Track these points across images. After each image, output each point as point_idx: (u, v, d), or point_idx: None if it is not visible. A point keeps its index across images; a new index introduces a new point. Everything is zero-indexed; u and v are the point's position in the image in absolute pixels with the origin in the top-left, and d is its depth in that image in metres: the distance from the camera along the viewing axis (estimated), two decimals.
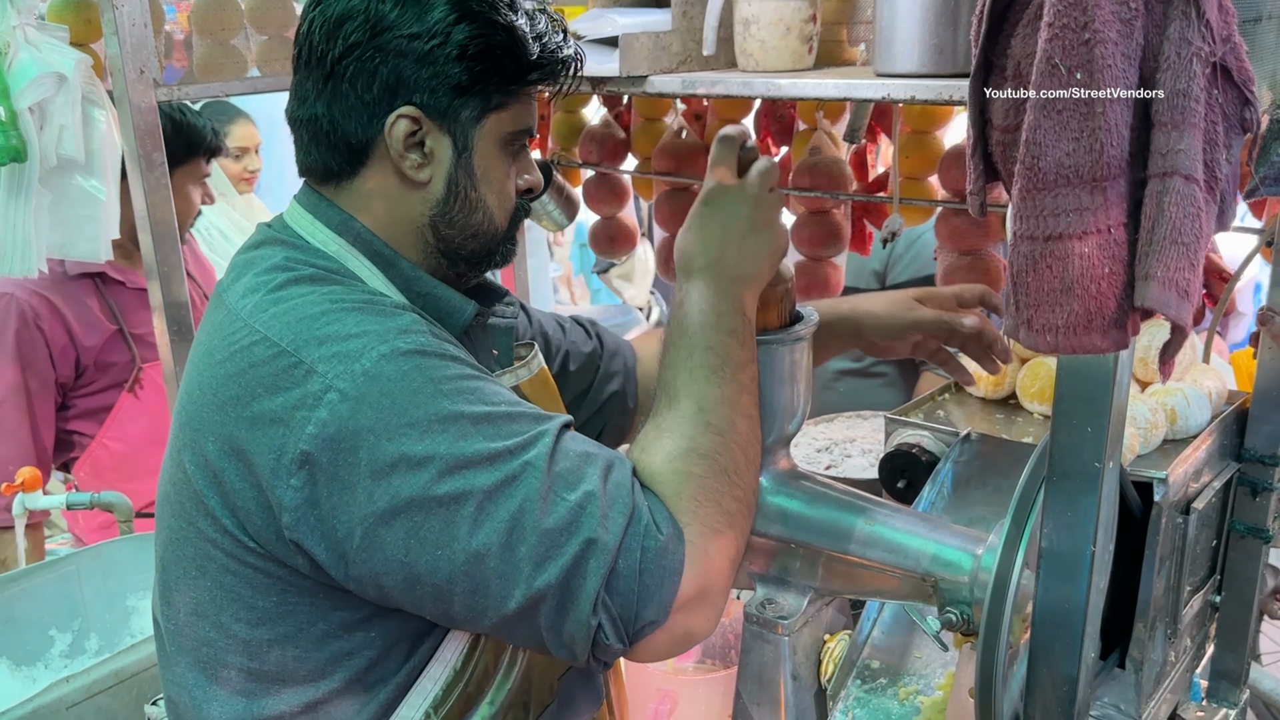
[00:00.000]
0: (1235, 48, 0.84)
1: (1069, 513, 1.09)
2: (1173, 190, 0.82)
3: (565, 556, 1.07)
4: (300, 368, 1.10)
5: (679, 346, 1.24)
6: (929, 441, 1.73)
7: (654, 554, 1.09)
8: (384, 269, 1.25)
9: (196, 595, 1.20)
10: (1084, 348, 0.88)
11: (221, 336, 1.19)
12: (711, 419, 1.19)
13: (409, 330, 1.14)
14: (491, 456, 1.08)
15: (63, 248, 2.15)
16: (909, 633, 1.56)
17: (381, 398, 1.08)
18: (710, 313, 1.24)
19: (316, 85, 1.22)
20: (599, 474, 1.11)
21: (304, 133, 1.26)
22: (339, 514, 1.09)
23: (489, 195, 1.28)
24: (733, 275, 1.27)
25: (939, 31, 1.41)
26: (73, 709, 1.75)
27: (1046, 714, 1.18)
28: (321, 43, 1.21)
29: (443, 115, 1.22)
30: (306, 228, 1.27)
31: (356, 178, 1.26)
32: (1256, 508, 1.78)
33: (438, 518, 1.07)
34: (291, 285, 1.19)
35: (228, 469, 1.13)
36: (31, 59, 1.98)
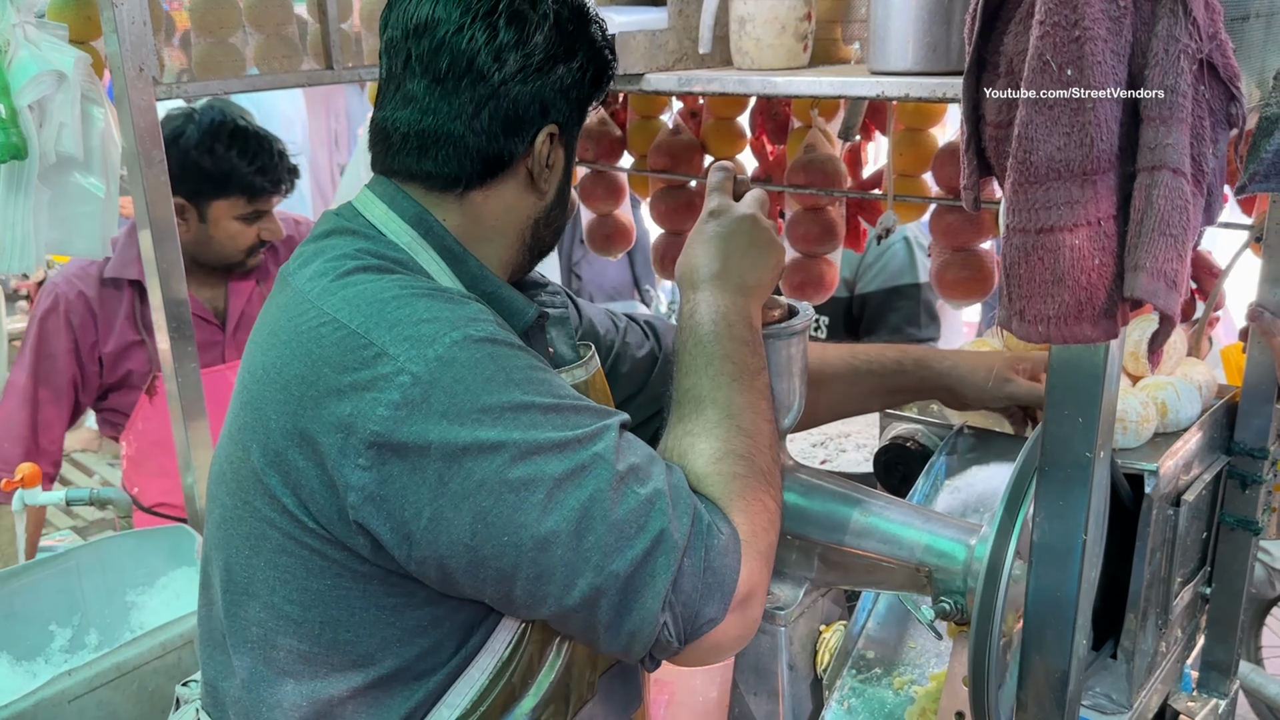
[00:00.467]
0: (1221, 45, 0.86)
1: (1061, 502, 1.11)
2: (1161, 183, 0.84)
3: (635, 550, 1.09)
4: (370, 349, 1.12)
5: (695, 355, 1.28)
6: (923, 435, 1.76)
7: (717, 553, 1.13)
8: (452, 265, 1.28)
9: (249, 575, 1.22)
10: (1075, 337, 0.90)
11: (288, 318, 1.21)
12: (741, 423, 1.23)
13: (478, 319, 1.16)
14: (562, 444, 1.11)
15: (61, 245, 2.16)
16: (903, 624, 1.59)
17: (455, 383, 1.10)
18: (722, 322, 1.29)
19: (476, 103, 1.24)
20: (664, 472, 1.15)
21: (446, 145, 1.27)
22: (407, 495, 1.10)
23: (569, 195, 1.39)
24: (738, 286, 1.32)
25: (932, 30, 1.43)
26: (74, 702, 1.76)
27: (1039, 702, 1.20)
28: (487, 63, 1.23)
29: (568, 131, 1.33)
30: (380, 217, 1.29)
31: (487, 186, 1.29)
32: (1246, 500, 1.81)
33: (507, 503, 1.09)
34: (359, 272, 1.22)
35: (291, 448, 1.14)
36: (31, 57, 1.98)
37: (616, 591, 1.09)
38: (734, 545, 1.14)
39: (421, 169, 1.29)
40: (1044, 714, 1.20)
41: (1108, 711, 1.65)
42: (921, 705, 1.49)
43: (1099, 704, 1.66)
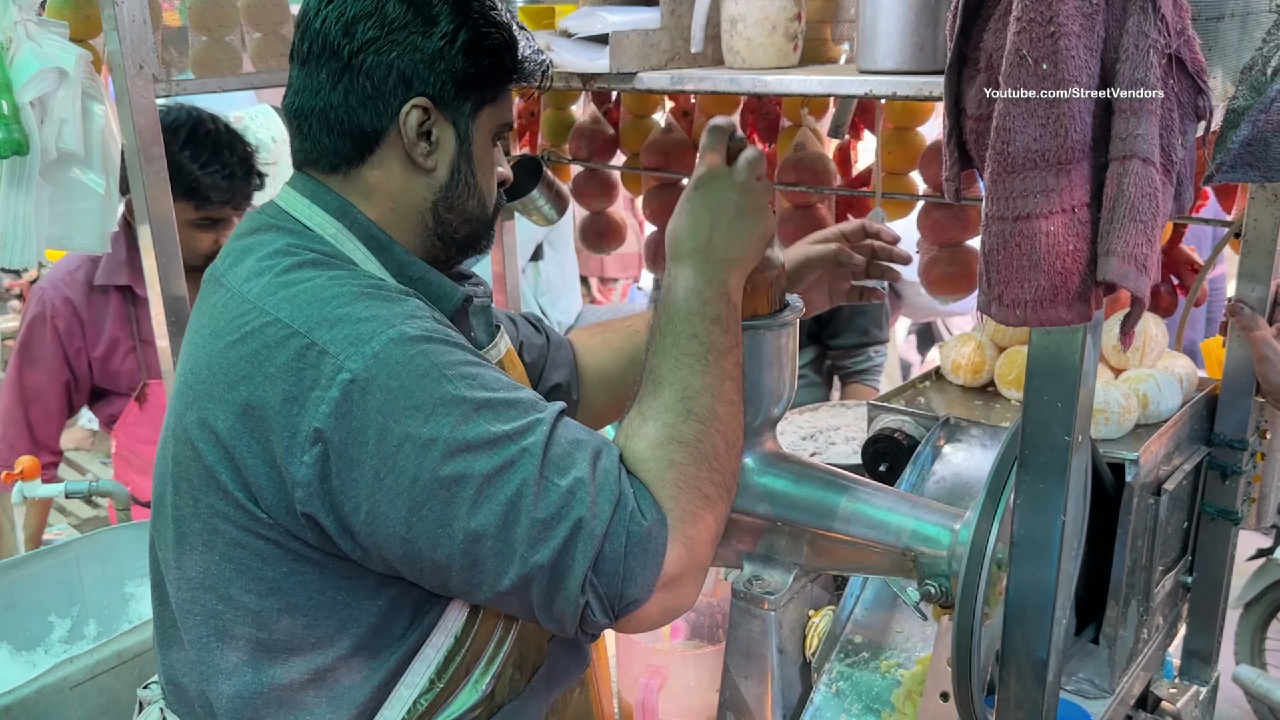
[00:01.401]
0: (1189, 40, 0.90)
1: (1040, 485, 1.14)
2: (1132, 172, 0.88)
3: (556, 539, 1.13)
4: (313, 349, 1.15)
5: (664, 334, 1.29)
6: (910, 426, 1.79)
7: (638, 538, 1.15)
8: (378, 254, 1.31)
9: (204, 569, 1.24)
10: (1050, 320, 0.93)
11: (229, 318, 1.23)
12: (693, 407, 1.25)
13: (415, 316, 1.19)
14: (492, 441, 1.14)
15: (62, 240, 2.19)
16: (890, 609, 1.62)
17: (390, 380, 1.13)
18: (696, 299, 1.29)
19: (332, 77, 1.28)
20: (588, 461, 1.17)
21: (313, 123, 1.31)
22: (346, 490, 1.14)
23: (483, 182, 1.37)
24: (720, 259, 1.32)
25: (920, 29, 1.46)
26: (76, 689, 1.79)
27: (1021, 680, 1.23)
28: (337, 37, 1.27)
29: (449, 106, 1.30)
30: (304, 212, 1.32)
31: (364, 165, 1.31)
32: (1226, 490, 1.84)
33: (439, 498, 1.13)
34: (297, 269, 1.24)
35: (239, 445, 1.18)
36: (33, 54, 2.01)
37: (543, 578, 1.13)
38: (658, 531, 1.16)
39: (304, 150, 1.34)
40: (1025, 695, 1.23)
41: (1090, 696, 1.68)
42: (908, 688, 1.52)
43: (1081, 689, 1.69)
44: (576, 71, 1.74)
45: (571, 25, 1.73)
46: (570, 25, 1.73)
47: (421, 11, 1.27)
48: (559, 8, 1.78)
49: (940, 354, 1.98)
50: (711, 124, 1.40)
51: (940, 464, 1.71)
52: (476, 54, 1.30)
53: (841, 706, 1.53)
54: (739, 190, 1.35)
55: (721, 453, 1.25)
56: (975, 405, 1.86)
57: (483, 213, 1.39)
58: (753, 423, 1.48)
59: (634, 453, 1.22)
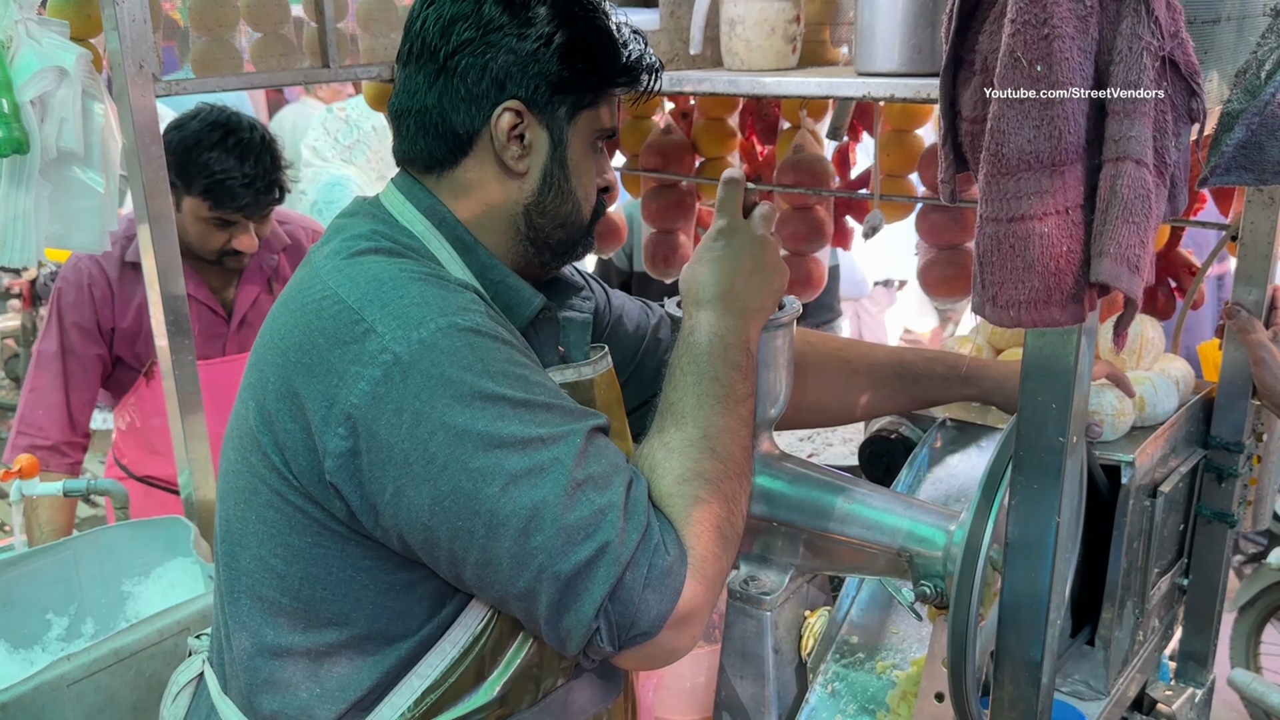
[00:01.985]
0: (1183, 43, 0.90)
1: (1035, 486, 1.14)
2: (1125, 174, 0.88)
3: (579, 555, 1.13)
4: (361, 325, 1.17)
5: (687, 372, 1.31)
6: (907, 428, 1.79)
7: (659, 572, 1.15)
8: (463, 254, 1.33)
9: (243, 527, 1.28)
10: (1044, 321, 0.94)
11: (299, 289, 1.28)
12: (716, 446, 1.26)
13: (467, 308, 1.20)
14: (525, 441, 1.14)
15: (61, 239, 2.19)
16: (886, 610, 1.62)
17: (432, 367, 1.14)
18: (719, 344, 1.32)
19: (428, 78, 1.30)
20: (624, 486, 1.18)
21: (411, 123, 1.33)
22: (374, 469, 1.15)
23: (579, 188, 1.36)
24: (740, 308, 1.35)
25: (917, 32, 1.46)
26: (73, 686, 1.79)
27: (1016, 681, 1.23)
28: (435, 39, 1.29)
29: (542, 110, 1.31)
30: (397, 207, 1.35)
31: (458, 167, 1.33)
32: (1222, 493, 1.85)
33: (464, 490, 1.13)
34: (370, 253, 1.27)
35: (281, 409, 1.20)
36: (33, 53, 2.01)
37: (556, 591, 1.13)
38: (679, 567, 1.16)
39: (401, 150, 1.36)
40: (1020, 695, 1.24)
41: (1085, 698, 1.69)
42: (903, 689, 1.53)
43: (1077, 690, 1.70)
44: None
45: None
46: None
47: (518, 13, 1.28)
48: None
49: None
50: (727, 176, 1.44)
51: (937, 465, 1.72)
52: (572, 57, 1.29)
53: (837, 707, 1.54)
54: (757, 244, 1.39)
55: (737, 495, 1.27)
56: (972, 407, 1.86)
57: (578, 218, 1.38)
58: None
59: (660, 485, 1.23)
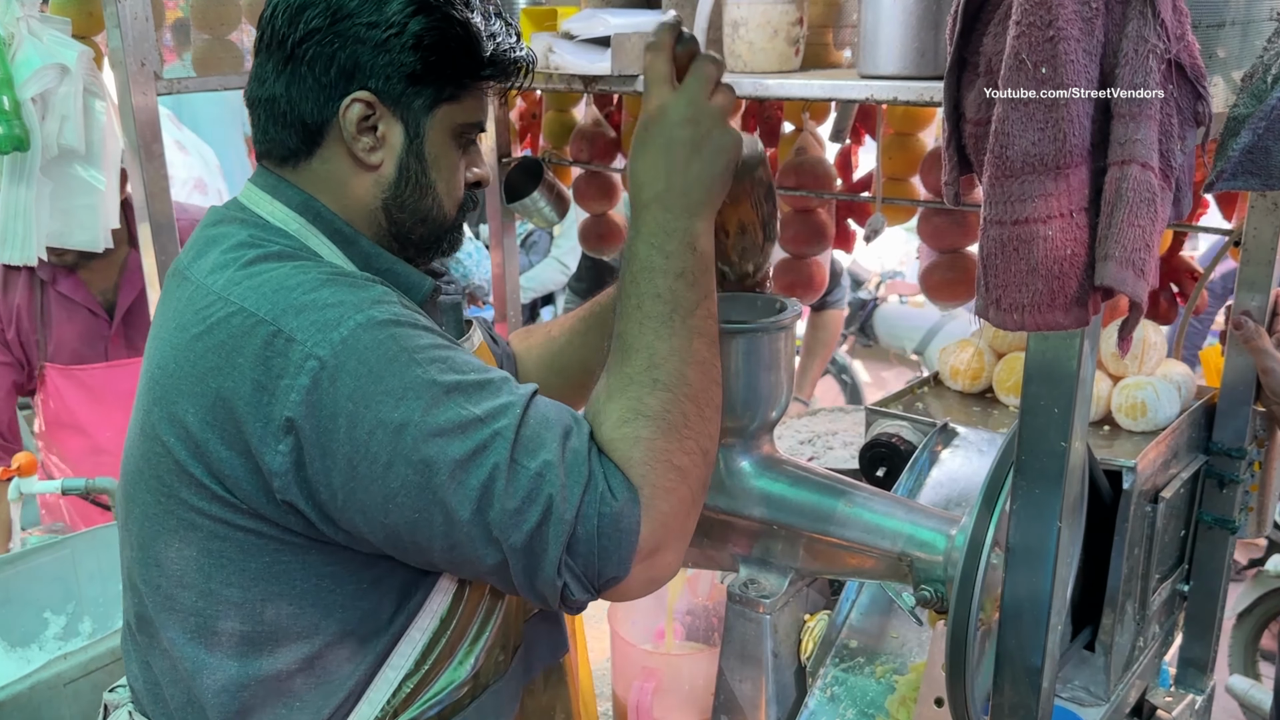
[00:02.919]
0: (1189, 46, 0.90)
1: (1037, 490, 1.14)
2: (1130, 177, 0.88)
3: (528, 523, 1.13)
4: (280, 337, 1.14)
5: (629, 295, 1.25)
6: (907, 431, 1.79)
7: (610, 519, 1.14)
8: (343, 247, 1.29)
9: (182, 567, 1.23)
10: (1048, 324, 0.93)
11: (194, 311, 1.21)
12: (659, 375, 1.21)
13: (381, 301, 1.18)
14: (464, 425, 1.13)
15: (62, 236, 2.19)
16: (885, 614, 1.62)
17: (359, 365, 1.12)
18: (658, 254, 1.24)
19: (276, 67, 1.27)
20: (558, 442, 1.16)
21: (261, 113, 1.30)
22: (321, 477, 1.14)
23: (439, 182, 1.32)
24: (681, 206, 1.25)
25: (921, 35, 1.46)
26: (70, 685, 1.79)
27: (1016, 687, 1.23)
28: (283, 26, 1.25)
29: (396, 101, 1.26)
30: (265, 208, 1.30)
31: (313, 158, 1.30)
32: (1223, 499, 1.84)
33: (413, 484, 1.12)
34: (261, 261, 1.23)
35: (212, 438, 1.16)
36: (35, 50, 2.02)
37: (519, 559, 1.14)
38: (629, 510, 1.15)
39: (265, 143, 1.32)
40: (1020, 701, 1.23)
41: (1086, 704, 1.68)
42: (902, 694, 1.52)
43: (1077, 696, 1.69)
44: (578, 74, 1.74)
45: (573, 27, 1.73)
46: (572, 27, 1.73)
47: (370, 2, 1.23)
48: (561, 10, 1.78)
49: (939, 360, 1.98)
50: (655, 30, 1.31)
51: (937, 469, 1.71)
52: (426, 49, 1.25)
53: (836, 711, 1.53)
54: (693, 119, 1.26)
55: (692, 418, 1.21)
56: (973, 411, 1.87)
57: (440, 214, 1.34)
58: (749, 426, 1.49)
59: (603, 433, 1.20)
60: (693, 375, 1.22)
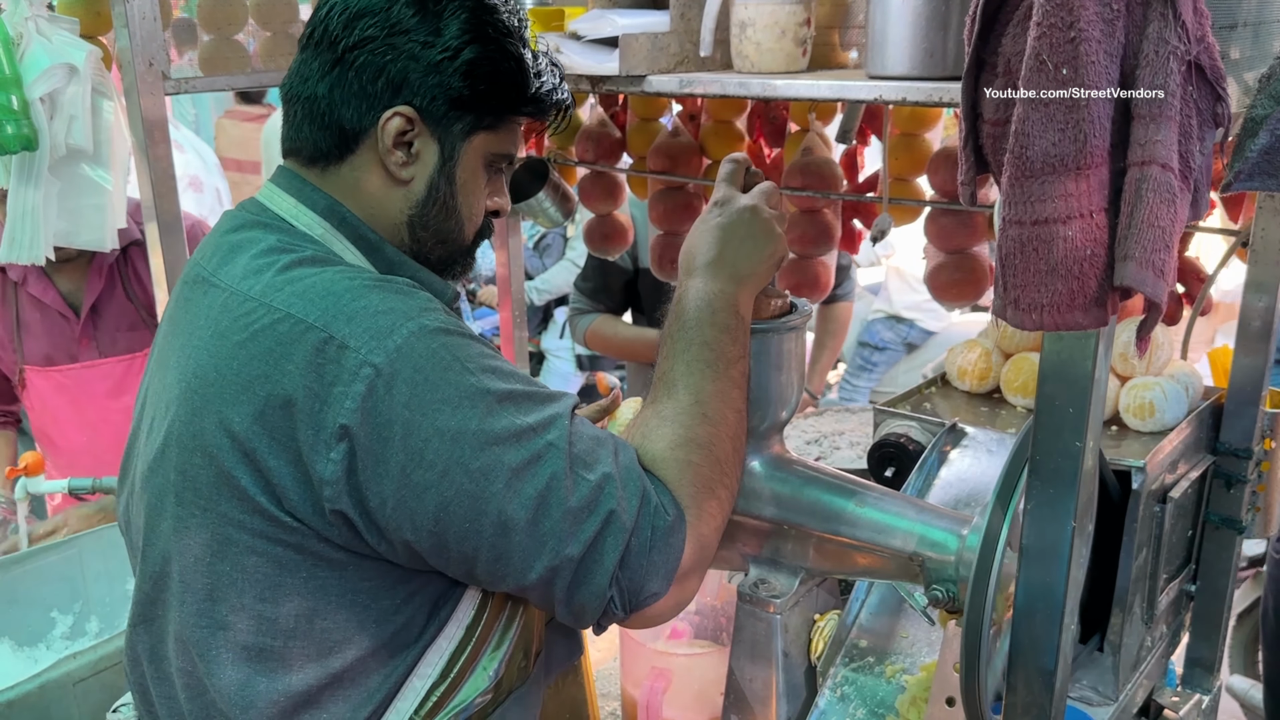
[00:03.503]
0: (1209, 47, 0.90)
1: (1051, 491, 1.14)
2: (1150, 178, 0.88)
3: (587, 533, 1.15)
4: (333, 344, 1.13)
5: (676, 339, 1.33)
6: (916, 432, 1.79)
7: (662, 533, 1.19)
8: (368, 254, 1.29)
9: (213, 581, 1.20)
10: (1067, 325, 0.94)
11: (233, 318, 1.20)
12: (707, 411, 1.28)
13: (429, 308, 1.19)
14: (518, 433, 1.15)
15: (69, 236, 2.19)
16: (896, 614, 1.62)
17: (415, 373, 1.13)
18: (706, 309, 1.33)
19: (323, 66, 1.27)
20: (611, 456, 1.20)
21: (299, 109, 1.30)
22: (372, 485, 1.13)
23: (464, 206, 1.34)
24: (730, 274, 1.36)
25: (929, 35, 1.46)
26: (79, 685, 1.79)
27: (1029, 687, 1.23)
28: (337, 28, 1.26)
29: (436, 122, 1.28)
30: (289, 211, 1.29)
31: (344, 164, 1.30)
32: (1231, 499, 1.84)
33: (467, 492, 1.13)
34: (299, 266, 1.22)
35: (260, 446, 1.14)
36: (43, 50, 2.02)
37: (570, 571, 1.15)
38: (679, 526, 1.20)
39: (289, 138, 1.32)
40: (1033, 701, 1.23)
41: (1094, 704, 1.68)
42: (912, 694, 1.52)
43: (1085, 696, 1.69)
44: (585, 74, 1.74)
45: (581, 27, 1.73)
46: (579, 27, 1.73)
47: (429, 21, 1.25)
48: (568, 10, 1.78)
49: (947, 360, 1.98)
50: (730, 156, 1.47)
51: (946, 470, 1.72)
52: (476, 77, 1.27)
53: (846, 711, 1.53)
54: (750, 212, 1.40)
55: (730, 456, 1.29)
56: (981, 411, 1.87)
57: (459, 237, 1.36)
58: (759, 426, 1.49)
59: (652, 452, 1.25)
60: (731, 419, 1.31)
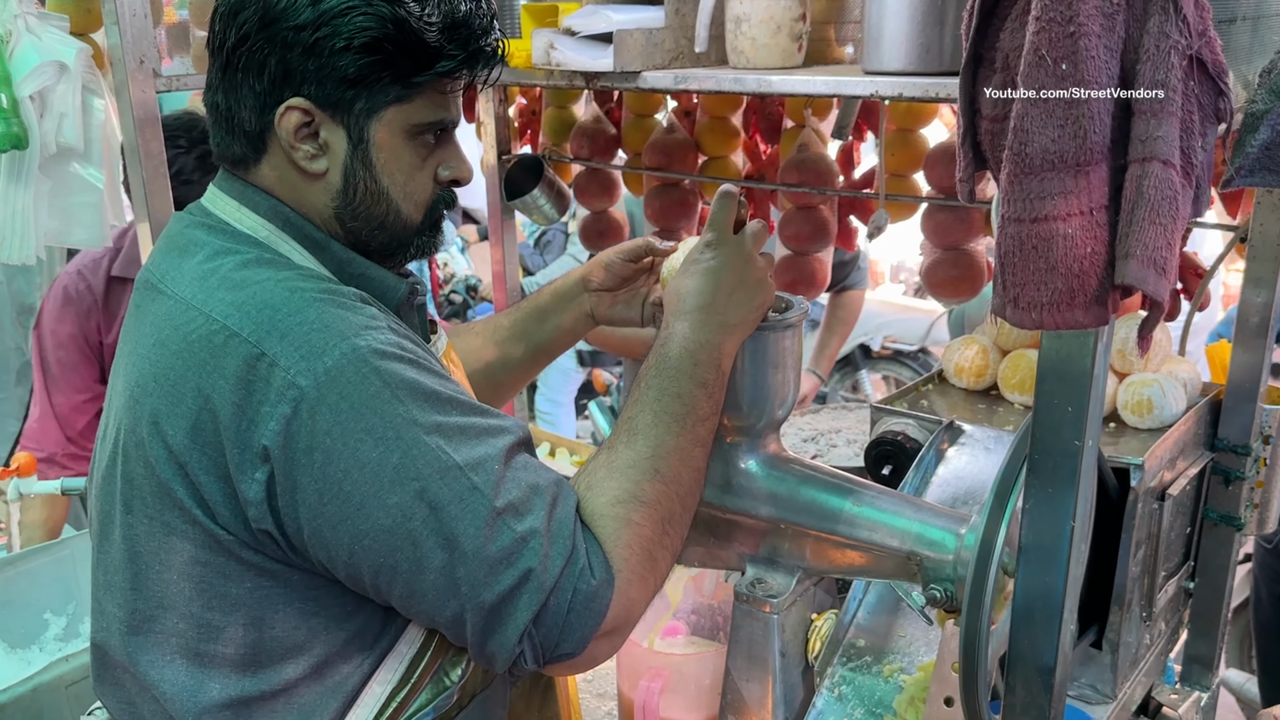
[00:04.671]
0: (1210, 42, 0.89)
1: (1050, 490, 1.13)
2: (1151, 174, 0.87)
3: (502, 585, 1.11)
4: (264, 361, 1.10)
5: (651, 385, 1.29)
6: (913, 429, 1.78)
7: (584, 596, 1.14)
8: (316, 253, 1.25)
9: (163, 589, 1.19)
10: (1067, 323, 0.93)
11: (174, 326, 1.17)
12: (662, 467, 1.24)
13: (370, 327, 1.14)
14: (443, 470, 1.10)
15: (60, 235, 2.17)
16: (893, 613, 1.61)
17: (340, 400, 1.09)
18: (688, 359, 1.30)
19: (217, 73, 1.23)
20: (545, 508, 1.15)
21: (210, 117, 1.27)
22: (288, 510, 1.11)
23: (392, 188, 1.26)
24: (718, 322, 1.34)
25: (926, 30, 1.45)
26: (71, 687, 1.78)
27: (1028, 687, 1.22)
28: (220, 31, 1.21)
29: (334, 107, 1.20)
30: (232, 214, 1.25)
31: (261, 165, 1.25)
32: (1229, 496, 1.84)
33: (384, 527, 1.10)
34: (243, 269, 1.18)
35: (192, 460, 1.13)
36: (33, 47, 2.00)
37: (481, 619, 1.12)
38: (605, 590, 1.15)
39: (218, 147, 1.28)
40: (1032, 701, 1.22)
41: (1093, 702, 1.68)
42: (910, 694, 1.52)
43: (1084, 694, 1.69)
44: (580, 70, 1.73)
45: (575, 23, 1.72)
46: (574, 23, 1.72)
47: (304, 2, 1.16)
48: (562, 6, 1.77)
49: (944, 357, 1.97)
50: (722, 190, 1.43)
51: (944, 467, 1.71)
52: (358, 51, 1.17)
53: (844, 711, 1.53)
54: (743, 259, 1.38)
55: (677, 516, 1.26)
56: (979, 408, 1.86)
57: (399, 220, 1.28)
58: (756, 424, 1.48)
59: (593, 506, 1.21)
60: (687, 478, 1.27)
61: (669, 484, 1.24)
